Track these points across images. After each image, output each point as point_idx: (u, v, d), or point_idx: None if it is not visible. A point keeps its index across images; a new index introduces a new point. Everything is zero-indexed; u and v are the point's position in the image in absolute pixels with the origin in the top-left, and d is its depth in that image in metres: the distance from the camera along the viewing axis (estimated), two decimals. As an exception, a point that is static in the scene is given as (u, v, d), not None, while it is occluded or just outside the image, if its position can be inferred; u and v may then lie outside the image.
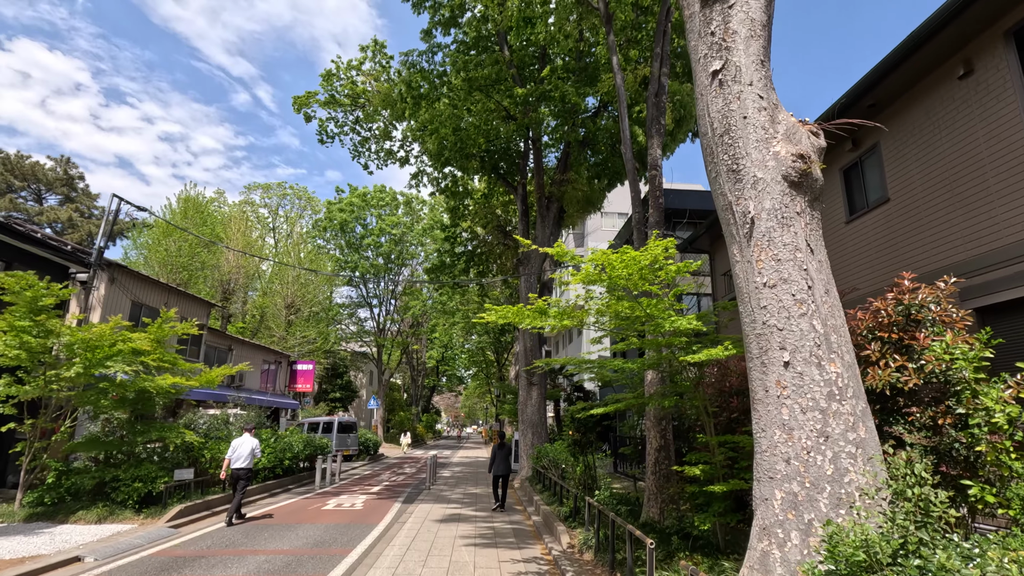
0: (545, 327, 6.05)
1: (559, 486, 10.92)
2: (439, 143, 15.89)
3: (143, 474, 9.83)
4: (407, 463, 26.32)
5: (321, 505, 12.20)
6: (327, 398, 37.58)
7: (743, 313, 4.67)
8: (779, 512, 3.93)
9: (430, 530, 9.25)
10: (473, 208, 23.34)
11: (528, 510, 11.65)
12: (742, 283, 4.64)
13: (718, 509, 5.98)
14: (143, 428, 10.40)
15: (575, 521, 8.69)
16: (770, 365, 4.24)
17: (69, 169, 35.34)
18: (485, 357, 53.77)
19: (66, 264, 14.29)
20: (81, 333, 8.91)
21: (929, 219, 7.29)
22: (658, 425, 8.63)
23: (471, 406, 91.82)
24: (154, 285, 17.99)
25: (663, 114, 10.47)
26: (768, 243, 4.51)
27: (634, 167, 9.86)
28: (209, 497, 11.14)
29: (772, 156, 4.64)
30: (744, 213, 4.67)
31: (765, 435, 4.19)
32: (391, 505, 12.32)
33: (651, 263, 5.40)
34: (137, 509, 9.62)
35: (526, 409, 17.24)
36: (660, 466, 8.48)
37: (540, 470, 14.18)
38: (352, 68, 20.01)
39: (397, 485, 16.68)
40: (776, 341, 4.25)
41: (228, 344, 23.72)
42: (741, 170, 4.76)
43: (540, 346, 18.05)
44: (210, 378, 10.97)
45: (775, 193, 4.57)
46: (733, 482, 5.72)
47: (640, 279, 5.46)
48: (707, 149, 5.06)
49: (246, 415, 16.10)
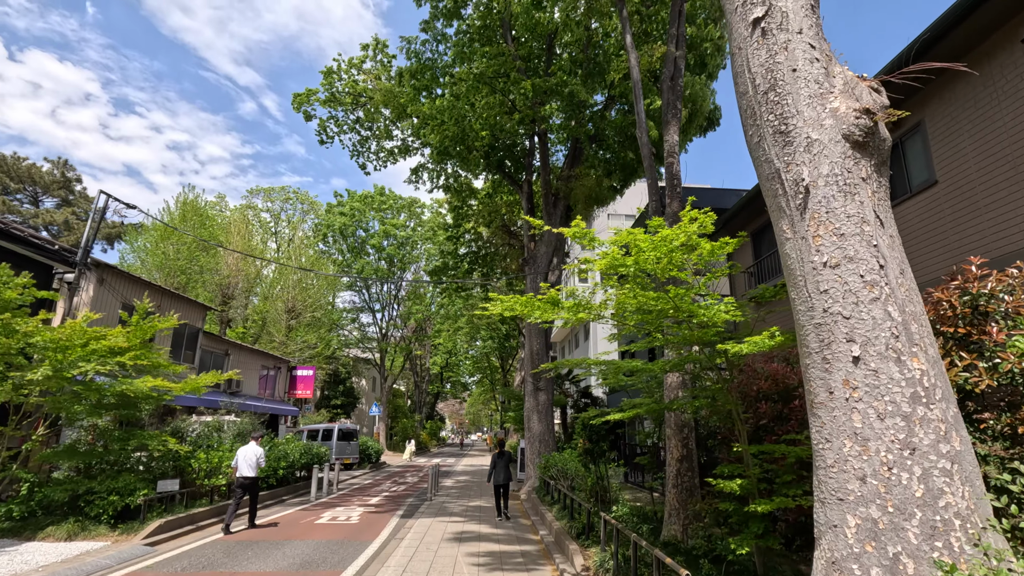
0: (557, 321, 5.31)
1: (568, 498, 10.15)
2: (441, 136, 15.21)
3: (120, 486, 9.10)
4: (409, 472, 25.53)
5: (315, 519, 11.44)
6: (329, 405, 36.87)
7: (796, 300, 3.92)
8: (853, 543, 3.17)
9: (429, 548, 8.48)
10: (477, 208, 22.69)
11: (536, 525, 10.87)
12: (794, 264, 3.90)
13: (756, 530, 5.21)
14: (122, 436, 9.69)
15: (588, 539, 7.90)
16: (835, 361, 3.49)
17: (66, 172, 34.85)
18: (490, 363, 52.99)
19: (50, 263, 13.66)
20: (50, 332, 8.21)
21: (987, 201, 6.52)
22: (679, 433, 7.86)
23: (475, 413, 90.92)
24: (146, 287, 17.34)
25: (680, 98, 9.77)
26: (827, 215, 3.77)
27: (651, 152, 9.15)
28: (195, 510, 10.39)
29: (829, 113, 3.90)
30: (796, 181, 3.93)
31: (830, 447, 3.43)
32: (389, 519, 11.54)
33: (685, 243, 4.65)
34: (112, 524, 8.87)
35: (532, 416, 16.47)
36: (682, 478, 7.70)
37: (548, 480, 13.40)
38: (353, 66, 19.49)
39: (397, 496, 15.90)
40: (842, 332, 3.50)
41: (225, 349, 23.05)
42: (791, 131, 4.02)
43: (547, 350, 17.29)
44: (196, 384, 10.26)
45: (834, 156, 3.83)
46: (779, 499, 4.94)
47: (669, 263, 4.72)
48: (747, 111, 4.32)
49: (240, 422, 15.39)
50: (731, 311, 4.81)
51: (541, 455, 15.36)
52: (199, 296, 26.63)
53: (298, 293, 32.40)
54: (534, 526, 10.79)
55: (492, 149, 17.80)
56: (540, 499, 12.88)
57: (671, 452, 7.88)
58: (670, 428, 7.95)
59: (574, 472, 11.96)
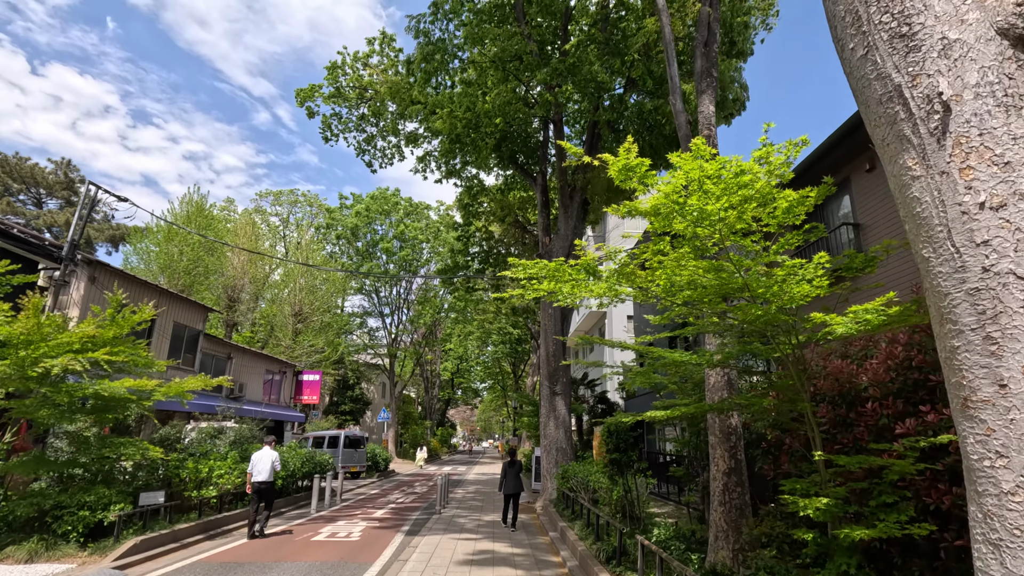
0: (590, 301, 4.30)
1: (593, 514, 9.08)
2: (452, 123, 14.26)
3: (92, 500, 8.16)
4: (418, 480, 24.50)
5: (312, 535, 10.44)
6: (337, 411, 35.97)
7: (931, 260, 2.83)
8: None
9: (436, 574, 7.45)
10: (488, 205, 21.77)
11: (556, 543, 9.80)
12: (928, 210, 2.81)
13: (843, 566, 4.15)
14: (97, 443, 8.78)
15: (621, 565, 6.83)
16: (1007, 341, 2.40)
17: (69, 172, 34.40)
18: (501, 369, 51.89)
19: (35, 259, 12.88)
20: (8, 327, 7.32)
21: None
22: (726, 441, 6.79)
23: (487, 419, 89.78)
24: (143, 287, 16.55)
25: (715, 66, 8.74)
26: (982, 138, 2.67)
27: (687, 120, 8.11)
28: (179, 526, 9.43)
29: (974, 4, 2.87)
30: (928, 97, 2.83)
31: (1006, 465, 2.37)
32: (393, 536, 10.51)
33: (759, 191, 3.61)
34: (82, 543, 7.92)
35: (549, 423, 15.40)
36: (730, 494, 6.62)
37: (567, 493, 12.34)
38: (359, 61, 18.76)
39: (404, 508, 14.87)
40: (1017, 298, 2.45)
41: (227, 352, 22.23)
42: (917, 33, 2.93)
43: (564, 351, 16.24)
44: (181, 388, 9.34)
45: (986, 58, 2.75)
46: (883, 526, 3.87)
47: (736, 219, 3.69)
48: (845, 17, 3.24)
49: (239, 428, 14.47)
50: (823, 282, 3.75)
51: (559, 464, 14.29)
52: (204, 299, 25.87)
53: (305, 296, 31.61)
54: (553, 545, 9.71)
55: (504, 139, 16.87)
56: (559, 512, 11.81)
57: (716, 463, 6.80)
58: (714, 435, 6.87)
59: (596, 484, 10.90)
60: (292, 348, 30.00)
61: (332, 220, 40.02)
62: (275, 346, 30.37)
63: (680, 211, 3.70)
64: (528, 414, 25.87)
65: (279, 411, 25.09)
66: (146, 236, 27.91)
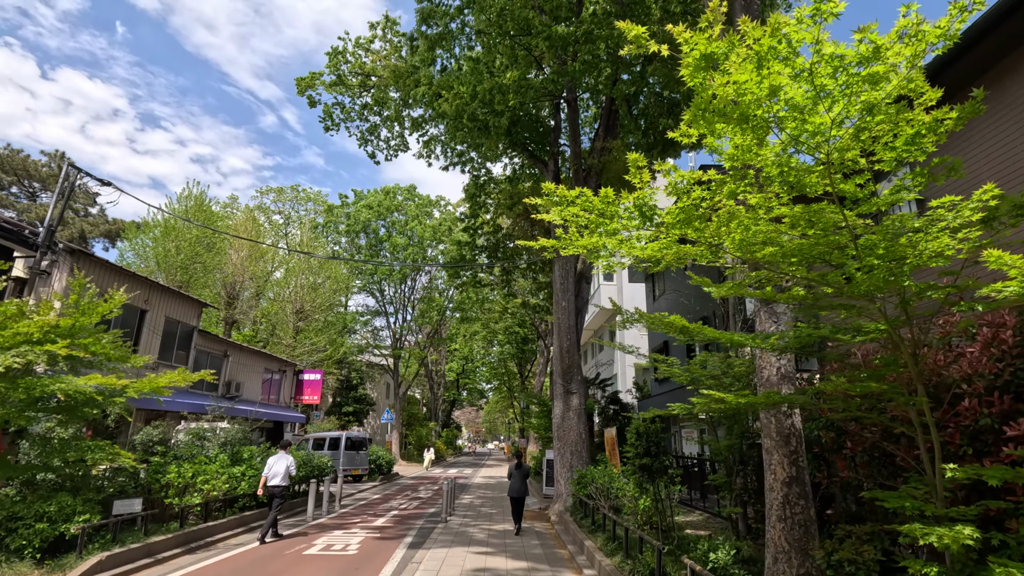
0: (640, 256, 3.24)
1: (620, 526, 8.04)
2: (459, 104, 13.26)
3: (53, 510, 7.18)
4: (423, 484, 23.47)
5: (305, 547, 9.40)
6: (340, 412, 34.96)
7: None
8: None
9: (443, 597, 6.43)
10: (496, 197, 20.79)
11: (575, 556, 8.76)
12: None
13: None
14: (61, 447, 7.80)
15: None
16: None
17: (63, 165, 33.37)
18: (507, 369, 50.67)
19: (10, 246, 11.96)
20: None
21: None
22: (785, 445, 5.74)
23: (492, 420, 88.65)
24: (131, 278, 15.59)
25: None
26: None
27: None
28: (155, 538, 8.41)
29: None
30: None
31: None
32: (395, 549, 9.46)
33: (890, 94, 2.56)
34: (38, 560, 6.94)
35: (563, 424, 14.35)
36: (792, 508, 5.58)
37: (584, 500, 11.30)
38: (360, 47, 17.91)
39: (408, 515, 13.83)
40: None
41: (223, 350, 21.26)
42: None
43: (578, 347, 15.17)
44: (155, 384, 8.35)
45: None
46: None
47: (852, 140, 2.63)
48: None
49: (231, 429, 13.48)
50: (968, 232, 2.72)
51: (574, 469, 13.24)
52: (203, 297, 24.94)
53: (307, 293, 30.64)
54: (573, 559, 8.67)
55: (515, 124, 15.87)
56: (577, 522, 10.76)
57: (773, 471, 5.75)
58: (770, 438, 5.81)
59: (619, 491, 9.85)
60: (293, 347, 29.06)
61: (332, 218, 39.18)
62: (276, 344, 29.43)
63: (764, 126, 2.64)
64: (537, 415, 24.77)
65: (278, 411, 24.11)
66: (142, 231, 27.06)
